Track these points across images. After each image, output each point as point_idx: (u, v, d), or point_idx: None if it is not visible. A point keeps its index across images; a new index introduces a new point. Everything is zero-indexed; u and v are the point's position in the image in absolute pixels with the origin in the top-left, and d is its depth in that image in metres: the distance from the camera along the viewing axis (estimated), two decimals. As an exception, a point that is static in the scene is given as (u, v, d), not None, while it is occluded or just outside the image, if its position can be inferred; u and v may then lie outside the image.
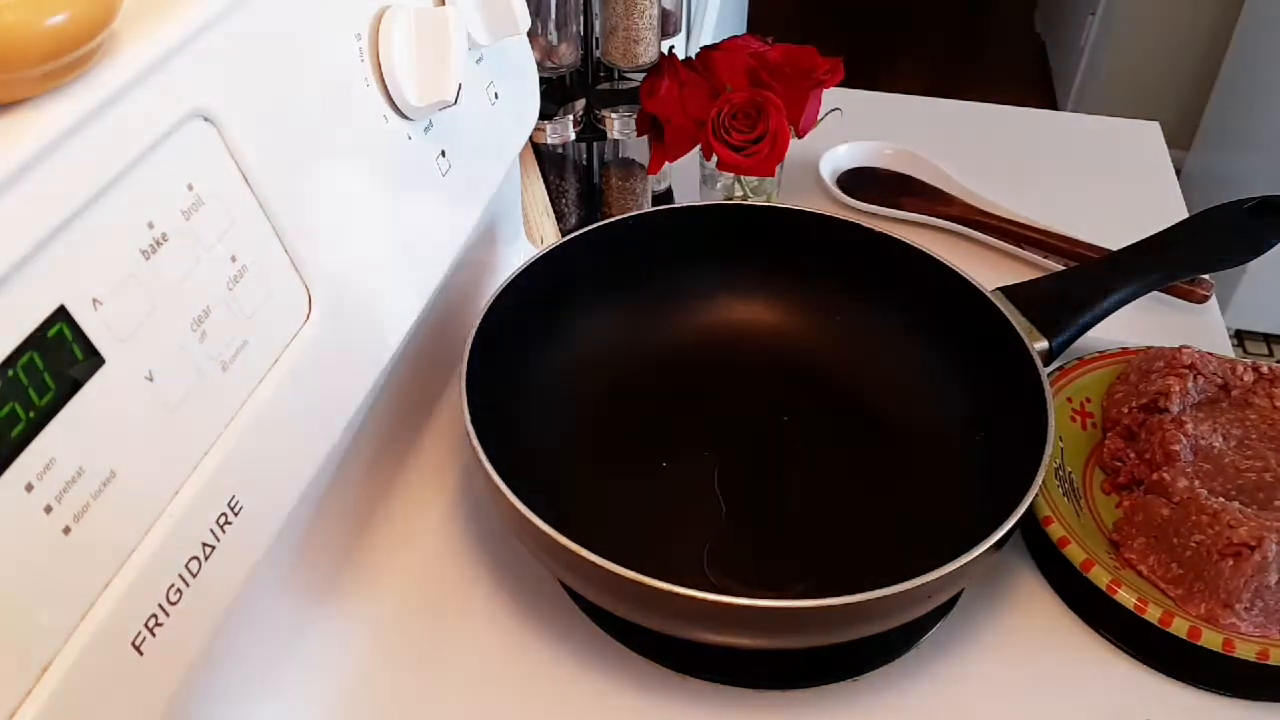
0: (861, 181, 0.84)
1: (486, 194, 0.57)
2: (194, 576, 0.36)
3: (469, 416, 0.49)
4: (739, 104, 0.68)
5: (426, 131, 0.50)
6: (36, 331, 0.30)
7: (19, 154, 0.29)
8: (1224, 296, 1.79)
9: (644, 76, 0.71)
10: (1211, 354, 0.58)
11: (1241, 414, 0.56)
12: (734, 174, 0.73)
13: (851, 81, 0.78)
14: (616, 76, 0.73)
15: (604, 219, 0.63)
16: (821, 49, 0.72)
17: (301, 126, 0.41)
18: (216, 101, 0.36)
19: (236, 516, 0.38)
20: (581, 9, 0.69)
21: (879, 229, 0.62)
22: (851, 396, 0.61)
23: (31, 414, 0.29)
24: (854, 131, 0.84)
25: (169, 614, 0.34)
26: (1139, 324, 0.64)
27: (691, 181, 0.79)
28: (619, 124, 0.71)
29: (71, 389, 0.31)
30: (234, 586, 0.38)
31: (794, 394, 0.62)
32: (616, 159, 0.78)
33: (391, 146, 0.47)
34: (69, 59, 0.29)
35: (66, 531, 0.31)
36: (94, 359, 0.32)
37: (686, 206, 0.73)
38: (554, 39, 0.69)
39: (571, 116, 0.70)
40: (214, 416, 0.37)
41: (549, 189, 0.74)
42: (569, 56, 0.70)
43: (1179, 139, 1.96)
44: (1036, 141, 0.90)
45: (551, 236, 0.73)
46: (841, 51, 0.73)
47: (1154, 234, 0.62)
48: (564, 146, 0.74)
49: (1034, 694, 0.49)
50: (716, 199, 0.77)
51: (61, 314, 0.30)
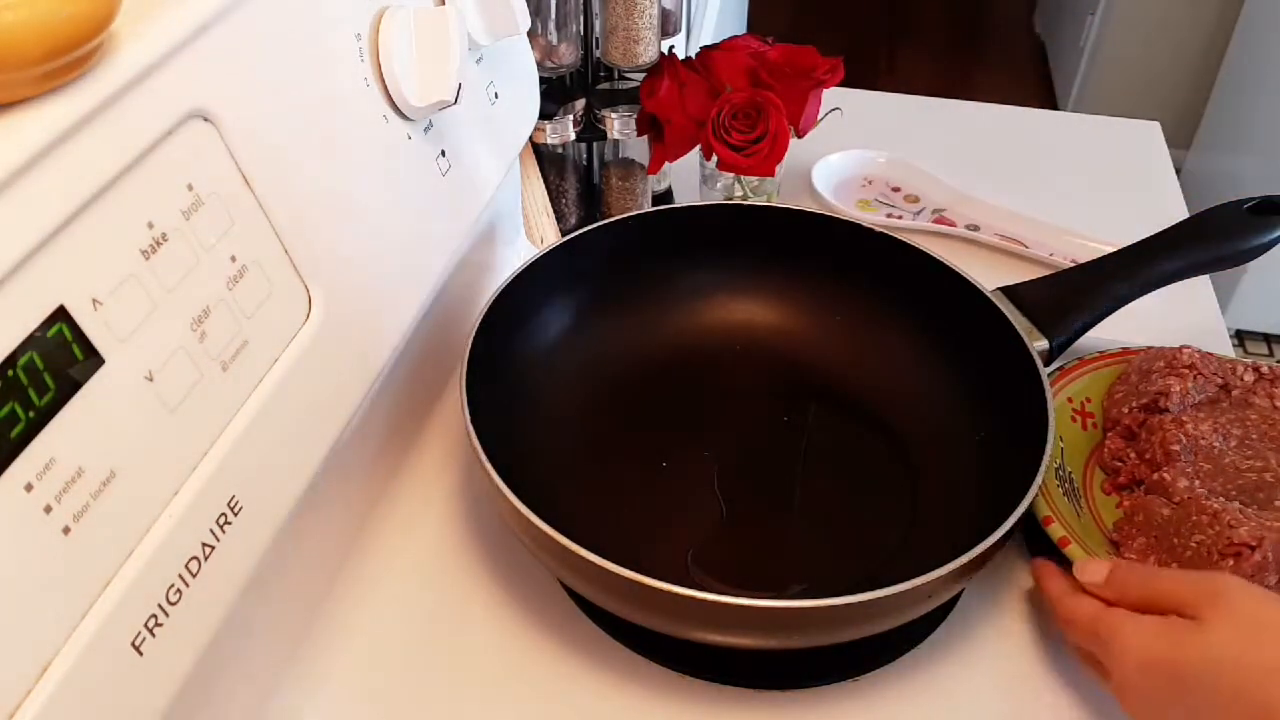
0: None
1: (486, 194, 0.57)
2: (194, 576, 0.36)
3: (469, 416, 0.49)
4: (739, 104, 0.68)
5: (426, 131, 0.50)
6: (36, 331, 0.30)
7: (19, 154, 0.29)
8: (1224, 296, 1.79)
9: (644, 76, 0.71)
10: (1212, 354, 0.58)
11: (1241, 414, 0.56)
12: (734, 174, 0.73)
13: (851, 82, 0.78)
14: (616, 76, 0.73)
15: (604, 219, 0.63)
16: (821, 49, 0.72)
17: (301, 126, 0.41)
18: (216, 101, 0.36)
19: (236, 516, 0.38)
20: (581, 9, 0.69)
21: (878, 229, 0.62)
22: (851, 397, 0.61)
23: (31, 414, 0.29)
24: (854, 132, 0.84)
25: (169, 614, 0.34)
26: (1139, 324, 0.64)
27: (691, 181, 0.79)
28: (619, 124, 0.71)
29: (71, 389, 0.31)
30: (234, 586, 0.38)
31: (793, 394, 0.62)
32: (616, 159, 0.78)
33: (391, 146, 0.47)
34: (69, 59, 0.29)
35: (66, 531, 0.31)
36: (94, 359, 0.32)
37: (686, 206, 0.73)
38: (554, 39, 0.69)
39: (571, 116, 0.70)
40: (214, 416, 0.37)
41: (549, 189, 0.74)
42: (569, 56, 0.70)
43: (1179, 139, 1.96)
44: (1036, 141, 0.90)
45: (551, 236, 0.73)
46: (841, 51, 0.73)
47: (1154, 234, 0.62)
48: (564, 146, 0.74)
49: (1034, 694, 0.49)
50: (716, 199, 0.77)
51: (61, 314, 0.30)
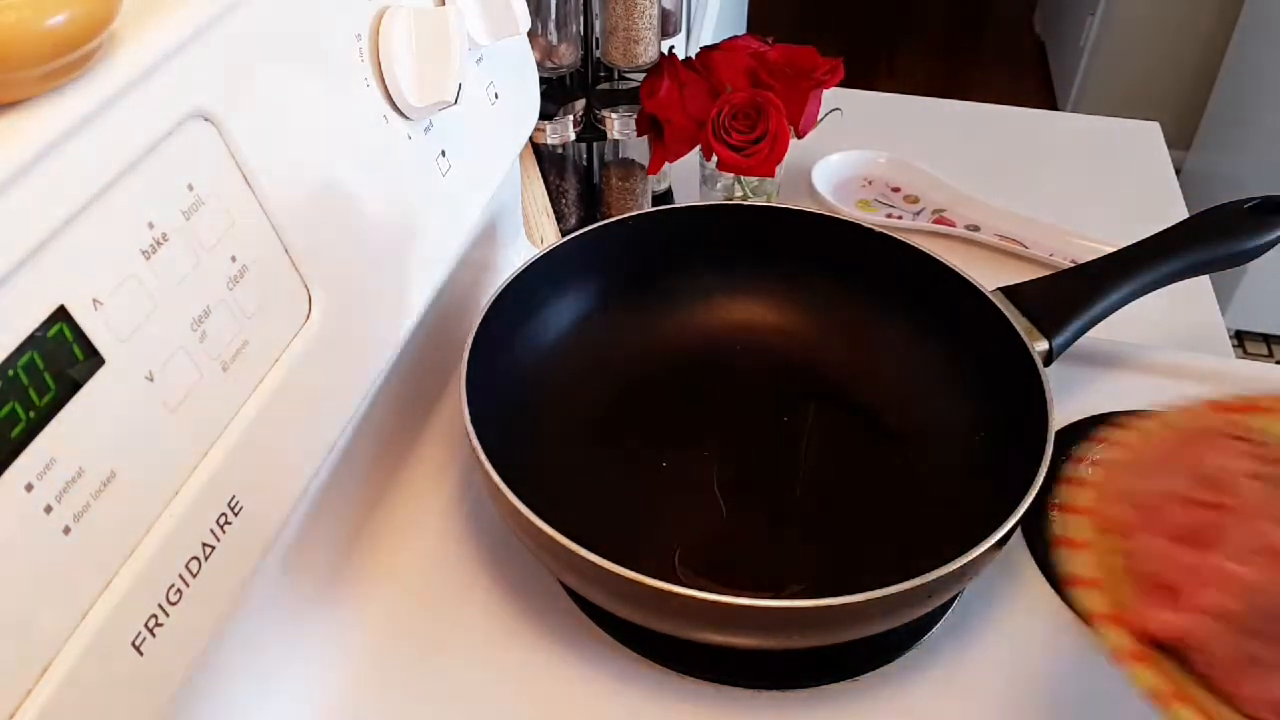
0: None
1: (486, 194, 0.57)
2: (194, 576, 0.36)
3: (469, 416, 0.49)
4: (739, 104, 0.68)
5: (426, 131, 0.50)
6: (36, 331, 0.30)
7: (19, 154, 0.29)
8: (1224, 296, 1.79)
9: (644, 76, 0.71)
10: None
11: None
12: (734, 174, 0.73)
13: (851, 82, 0.78)
14: (616, 76, 0.73)
15: (604, 219, 0.63)
16: (821, 49, 0.72)
17: (301, 126, 0.41)
18: (216, 101, 0.36)
19: (236, 516, 0.38)
20: (581, 9, 0.69)
21: (878, 229, 0.62)
22: (851, 396, 0.61)
23: (31, 414, 0.29)
24: (854, 132, 0.84)
25: (169, 614, 0.34)
26: (1139, 324, 0.64)
27: (691, 182, 0.79)
28: (619, 124, 0.71)
29: (71, 389, 0.31)
30: (234, 586, 0.38)
31: (794, 394, 0.62)
32: (616, 159, 0.78)
33: (391, 146, 0.47)
34: (69, 59, 0.29)
35: (66, 531, 0.31)
36: (94, 359, 0.32)
37: (686, 206, 0.73)
38: (554, 39, 0.69)
39: (571, 116, 0.70)
40: (214, 416, 0.37)
41: (549, 189, 0.74)
42: (569, 56, 0.70)
43: (1179, 139, 1.96)
44: (1036, 141, 0.90)
45: (551, 236, 0.73)
46: (841, 52, 0.73)
47: (1154, 234, 0.62)
48: (564, 146, 0.74)
49: (1034, 693, 0.49)
50: (716, 199, 0.77)
51: (61, 314, 0.30)
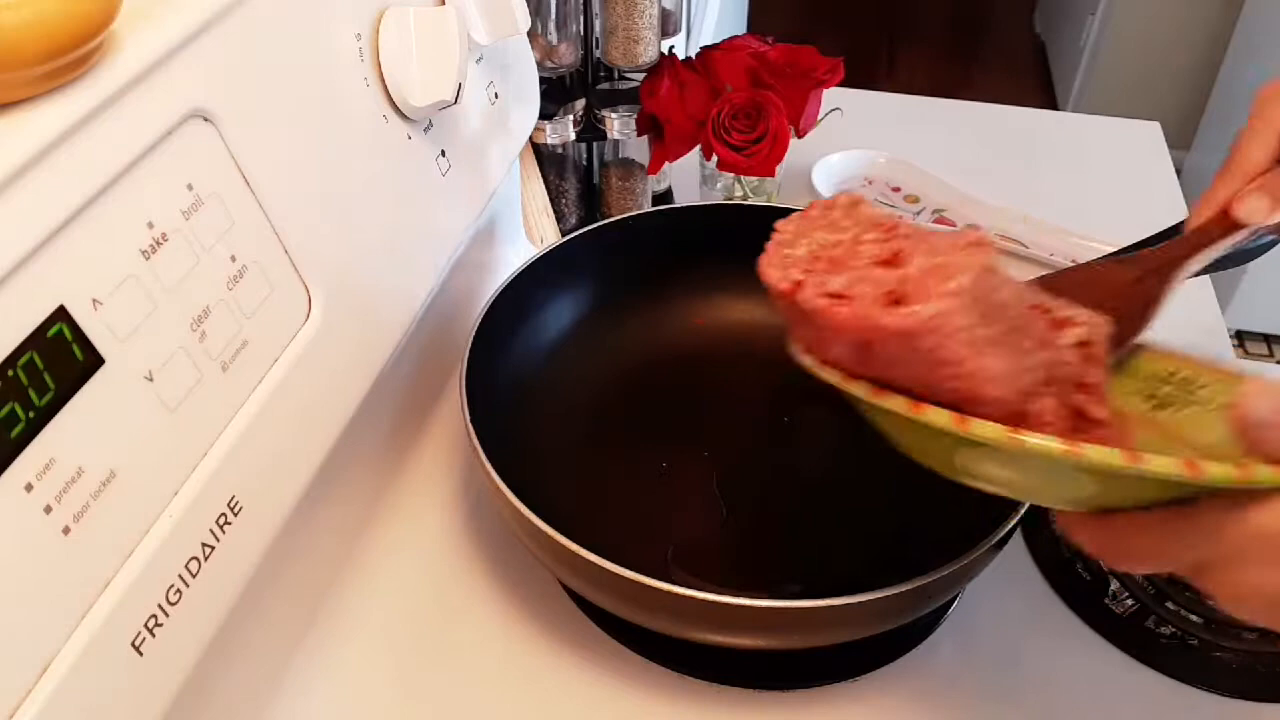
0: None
1: (486, 194, 0.57)
2: (194, 576, 0.36)
3: (469, 416, 0.49)
4: (739, 104, 0.68)
5: (426, 131, 0.50)
6: (36, 331, 0.30)
7: (19, 154, 0.29)
8: (1224, 296, 1.79)
9: (644, 76, 0.71)
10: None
11: None
12: (734, 174, 0.73)
13: (851, 82, 0.78)
14: (616, 76, 0.73)
15: (604, 219, 0.63)
16: (821, 49, 0.72)
17: (301, 126, 0.41)
18: (216, 101, 0.36)
19: (236, 516, 0.38)
20: (581, 9, 0.69)
21: (879, 229, 0.62)
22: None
23: (31, 414, 0.29)
24: (854, 132, 0.84)
25: (169, 614, 0.34)
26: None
27: (691, 181, 0.79)
28: (619, 124, 0.71)
29: (71, 389, 0.31)
30: (234, 586, 0.38)
31: (793, 394, 0.62)
32: (616, 159, 0.78)
33: (391, 146, 0.47)
34: (69, 59, 0.29)
35: (66, 531, 0.31)
36: (94, 359, 0.32)
37: (686, 206, 0.73)
38: (554, 39, 0.69)
39: (571, 116, 0.70)
40: (214, 416, 0.37)
41: (549, 189, 0.74)
42: (569, 56, 0.70)
43: (1179, 139, 1.96)
44: (1036, 141, 0.90)
45: (551, 236, 0.73)
46: (841, 51, 0.73)
47: (1154, 234, 0.62)
48: (564, 146, 0.74)
49: (1034, 693, 0.49)
50: (716, 199, 0.77)
51: (61, 314, 0.30)
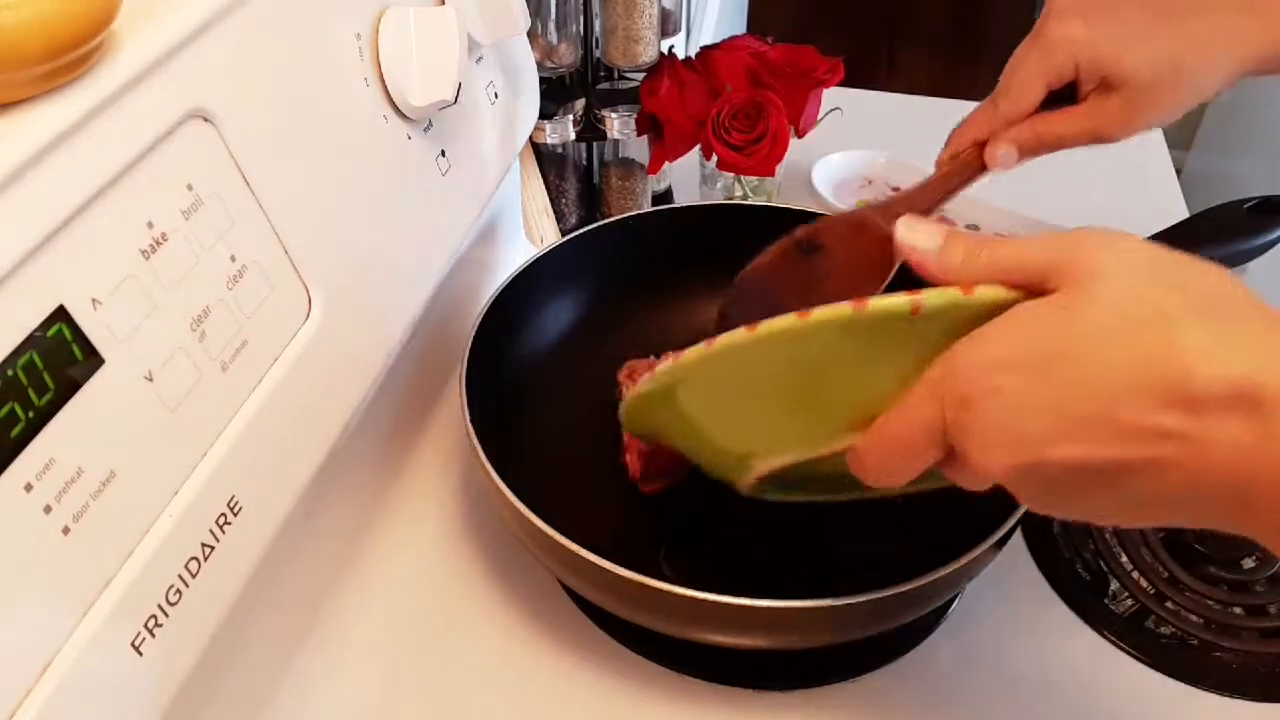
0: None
1: (486, 194, 0.57)
2: (194, 576, 0.36)
3: (469, 416, 0.49)
4: (739, 104, 0.68)
5: (426, 131, 0.50)
6: (36, 331, 0.30)
7: (19, 154, 0.29)
8: (1224, 296, 1.79)
9: (644, 76, 0.71)
10: None
11: None
12: (734, 173, 0.73)
13: (851, 81, 0.78)
14: (616, 76, 0.73)
15: (604, 219, 0.63)
16: (821, 49, 0.72)
17: (301, 126, 0.41)
18: (216, 101, 0.36)
19: (236, 516, 0.37)
20: (581, 9, 0.69)
21: (879, 229, 0.62)
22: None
23: (31, 414, 0.29)
24: (854, 131, 0.84)
25: (169, 614, 0.34)
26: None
27: (691, 181, 0.79)
28: (619, 124, 0.71)
29: (71, 389, 0.31)
30: (234, 587, 0.38)
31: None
32: (616, 159, 0.78)
33: (391, 146, 0.47)
34: (68, 59, 0.29)
35: (66, 531, 0.31)
36: (93, 359, 0.31)
37: (686, 206, 0.73)
38: (554, 39, 0.69)
39: (571, 116, 0.70)
40: (214, 416, 0.37)
41: (549, 189, 0.74)
42: (569, 56, 0.70)
43: (1179, 140, 1.96)
44: (1036, 141, 0.90)
45: (551, 236, 0.73)
46: (841, 51, 0.73)
47: (1154, 234, 0.62)
48: (564, 146, 0.74)
49: (1034, 693, 0.49)
50: (716, 199, 0.77)
51: (61, 314, 0.30)
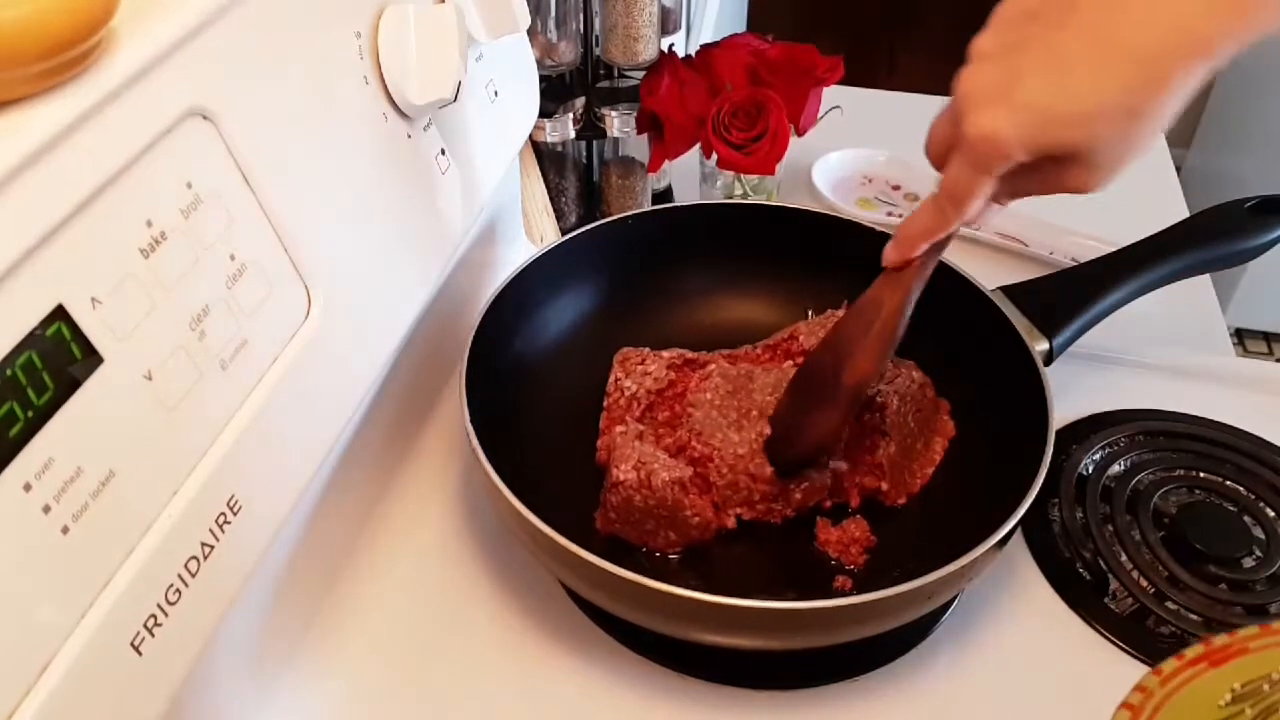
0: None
1: (486, 192, 0.57)
2: (194, 576, 0.35)
3: (469, 416, 0.49)
4: (739, 102, 0.68)
5: (426, 130, 0.50)
6: (35, 331, 0.29)
7: (17, 153, 0.29)
8: (1224, 296, 1.79)
9: (644, 74, 0.71)
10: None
11: None
12: (734, 172, 0.73)
13: (851, 80, 0.78)
14: (616, 74, 0.73)
15: (603, 217, 0.63)
16: (821, 47, 0.72)
17: (301, 124, 0.41)
18: (215, 99, 0.36)
19: (236, 516, 0.37)
20: (581, 7, 0.68)
21: (879, 227, 0.62)
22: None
23: (30, 413, 0.29)
24: (854, 130, 0.84)
25: (169, 614, 0.34)
26: (1139, 324, 0.64)
27: (691, 180, 0.79)
28: (619, 122, 0.71)
29: (70, 388, 0.31)
30: (234, 586, 0.38)
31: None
32: (616, 157, 0.77)
33: (391, 145, 0.47)
34: (67, 57, 0.29)
35: (65, 531, 0.30)
36: (93, 358, 0.31)
37: (686, 205, 0.73)
38: (554, 37, 0.69)
39: (571, 115, 0.70)
40: (213, 416, 0.37)
41: (549, 187, 0.74)
42: (569, 54, 0.70)
43: (1179, 139, 1.96)
44: (1036, 140, 0.90)
45: (551, 235, 0.73)
46: (841, 50, 0.73)
47: (1154, 234, 0.62)
48: (564, 145, 0.74)
49: (1034, 693, 0.49)
50: (716, 197, 0.77)
51: (60, 313, 0.30)
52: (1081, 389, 0.63)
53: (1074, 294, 0.59)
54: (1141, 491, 0.57)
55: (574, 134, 0.71)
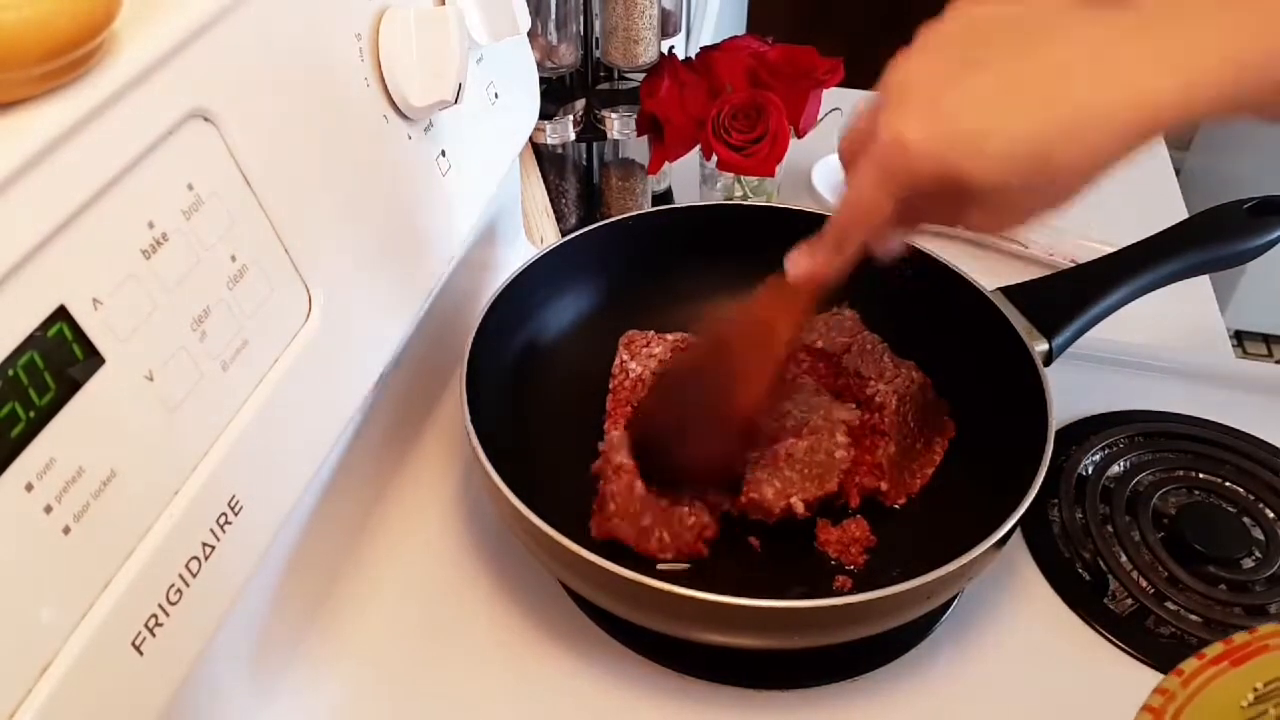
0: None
1: (486, 194, 0.57)
2: (194, 576, 0.36)
3: (469, 416, 0.49)
4: (739, 104, 0.68)
5: (426, 131, 0.50)
6: (36, 331, 0.30)
7: (19, 154, 0.29)
8: (1224, 296, 1.79)
9: (644, 76, 0.71)
10: None
11: None
12: (734, 174, 0.73)
13: (851, 82, 0.78)
14: (616, 76, 0.73)
15: (603, 219, 0.63)
16: (821, 49, 0.72)
17: (302, 126, 0.41)
18: (216, 101, 0.36)
19: (236, 516, 0.37)
20: (581, 9, 0.69)
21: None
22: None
23: (31, 414, 0.29)
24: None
25: (169, 614, 0.34)
26: (1139, 324, 0.64)
27: (691, 181, 0.79)
28: (619, 124, 0.71)
29: (71, 389, 0.31)
30: (234, 586, 0.38)
31: (794, 394, 0.62)
32: (616, 159, 0.78)
33: (392, 146, 0.47)
34: (69, 59, 0.29)
35: (66, 531, 0.31)
36: (94, 359, 0.32)
37: (686, 206, 0.73)
38: (554, 39, 0.69)
39: (571, 116, 0.70)
40: (214, 416, 0.37)
41: (549, 189, 0.74)
42: (569, 56, 0.70)
43: (1179, 141, 1.96)
44: (1036, 142, 0.90)
45: (551, 236, 0.73)
46: (841, 51, 0.73)
47: (1154, 234, 0.62)
48: (564, 146, 0.74)
49: (1034, 693, 0.49)
50: (716, 199, 0.77)
51: (61, 314, 0.30)
52: (1081, 389, 0.63)
53: (1073, 295, 0.59)
54: (1141, 492, 0.57)
55: (574, 136, 0.71)
